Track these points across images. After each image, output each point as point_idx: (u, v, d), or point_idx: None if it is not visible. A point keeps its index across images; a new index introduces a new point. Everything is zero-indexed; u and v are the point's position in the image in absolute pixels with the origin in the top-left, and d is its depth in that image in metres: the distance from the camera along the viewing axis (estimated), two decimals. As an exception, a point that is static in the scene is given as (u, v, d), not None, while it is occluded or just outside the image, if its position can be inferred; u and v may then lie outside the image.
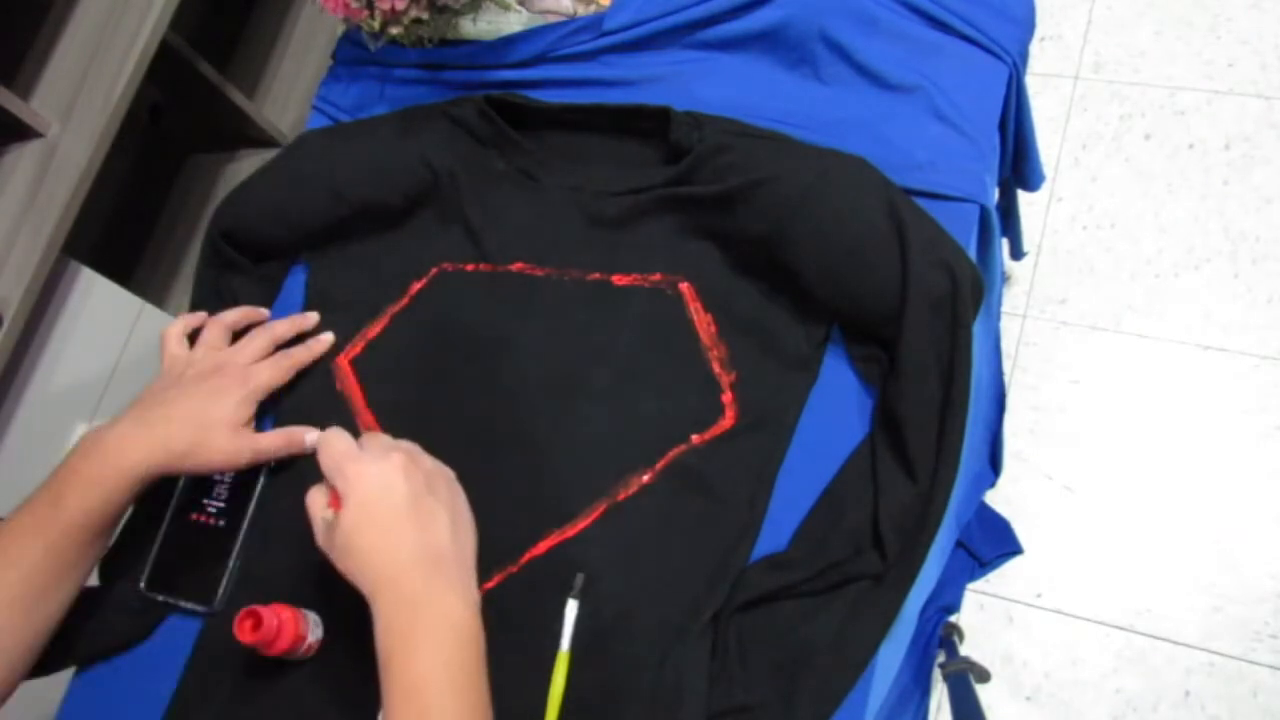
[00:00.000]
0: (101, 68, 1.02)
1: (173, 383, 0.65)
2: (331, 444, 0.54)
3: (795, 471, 0.61)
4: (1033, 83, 1.48)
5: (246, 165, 1.48)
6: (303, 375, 0.71)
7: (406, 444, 0.57)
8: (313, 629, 0.60)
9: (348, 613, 0.62)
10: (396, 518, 0.52)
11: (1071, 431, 1.29)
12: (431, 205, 0.73)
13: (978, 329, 0.60)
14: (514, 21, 0.79)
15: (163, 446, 0.60)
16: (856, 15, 0.71)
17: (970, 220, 0.65)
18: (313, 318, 0.72)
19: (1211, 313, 1.31)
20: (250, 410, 0.65)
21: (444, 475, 0.57)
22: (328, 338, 0.71)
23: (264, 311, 0.73)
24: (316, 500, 0.55)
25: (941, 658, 1.10)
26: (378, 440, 0.56)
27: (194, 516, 0.67)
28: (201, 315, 0.71)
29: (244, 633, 0.56)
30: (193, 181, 1.52)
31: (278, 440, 0.65)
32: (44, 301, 0.98)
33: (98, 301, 1.05)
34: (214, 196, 1.49)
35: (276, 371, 0.67)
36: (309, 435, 0.66)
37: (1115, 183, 1.41)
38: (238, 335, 0.70)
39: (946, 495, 0.55)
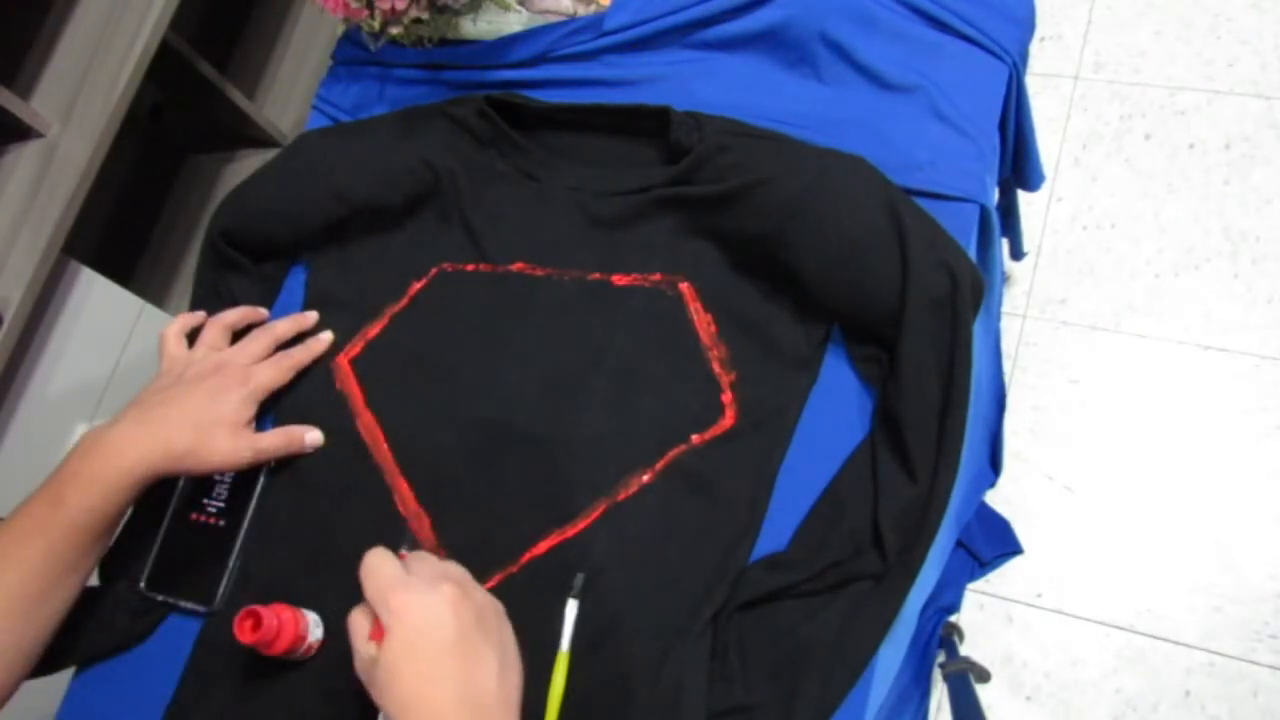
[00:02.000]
0: (101, 68, 1.02)
1: (173, 382, 0.64)
2: (376, 569, 0.50)
3: (795, 471, 0.61)
4: (1033, 83, 1.48)
5: (246, 165, 1.48)
6: (303, 375, 0.71)
7: (456, 571, 0.53)
8: (312, 629, 0.60)
9: (348, 613, 0.62)
10: (441, 658, 0.47)
11: (1071, 431, 1.29)
12: (431, 205, 0.73)
13: (978, 329, 0.60)
14: (514, 21, 0.79)
15: (163, 446, 0.60)
16: (856, 15, 0.71)
17: (970, 220, 0.65)
18: (312, 317, 0.72)
19: (1211, 313, 1.31)
20: (251, 410, 0.64)
21: (494, 609, 0.52)
22: (327, 336, 0.71)
23: (264, 311, 0.73)
24: (359, 627, 0.51)
25: (941, 658, 1.10)
26: (426, 565, 0.52)
27: (194, 516, 0.67)
28: (200, 315, 0.71)
29: (244, 633, 0.56)
30: (193, 181, 1.52)
31: (278, 440, 0.65)
32: (44, 301, 0.98)
33: (98, 301, 1.05)
34: (214, 196, 1.49)
35: (277, 371, 0.67)
36: (309, 434, 0.67)
37: (1115, 183, 1.41)
38: (238, 335, 0.71)
39: (946, 495, 0.55)
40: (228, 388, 0.64)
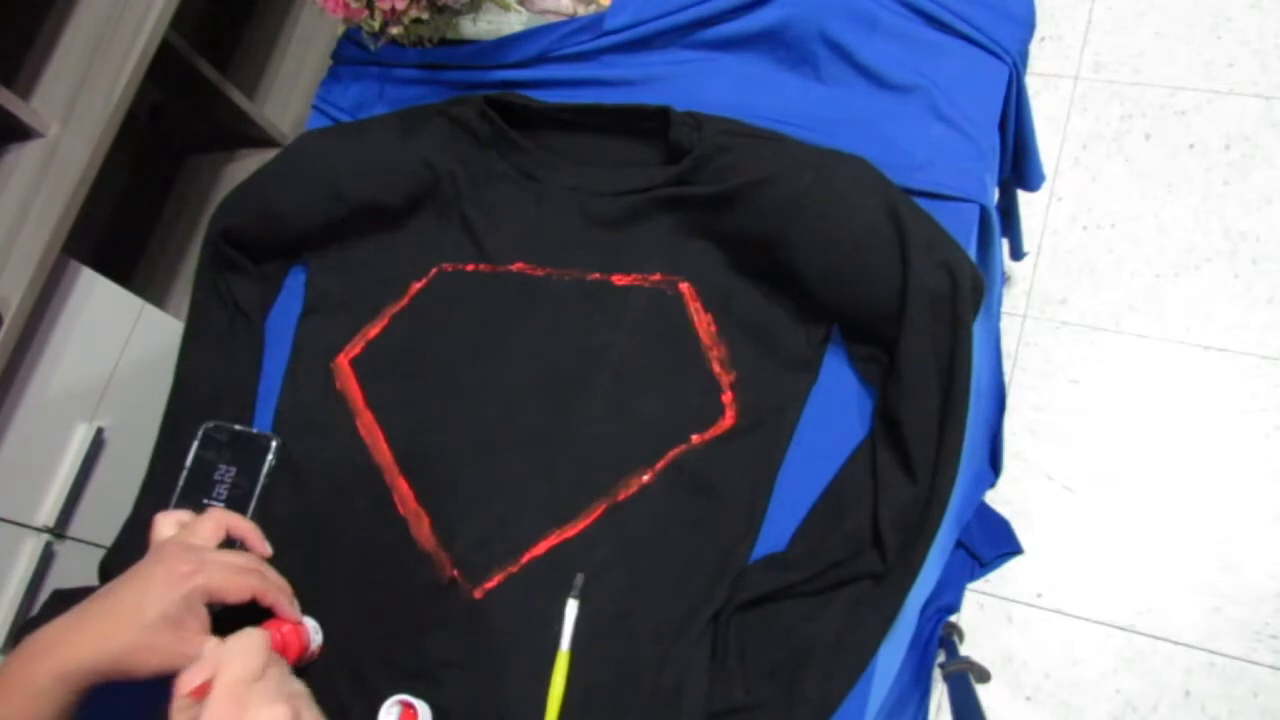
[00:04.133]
0: (101, 68, 1.02)
1: (133, 572, 0.56)
2: (244, 656, 0.47)
3: (795, 471, 0.61)
4: (1033, 83, 1.48)
5: (246, 165, 1.47)
6: (302, 377, 0.71)
7: (301, 688, 0.50)
8: (313, 637, 0.60)
9: (347, 613, 0.62)
10: None
11: (1071, 431, 1.29)
12: (431, 205, 0.73)
13: (978, 329, 0.60)
14: (514, 21, 0.79)
15: (93, 643, 0.52)
16: (856, 15, 0.71)
17: (970, 220, 0.65)
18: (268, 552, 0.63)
19: (1211, 313, 1.31)
20: (197, 607, 0.54)
21: None
22: (297, 616, 0.60)
23: (264, 546, 0.63)
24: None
25: (941, 658, 1.10)
26: (282, 677, 0.49)
27: (194, 516, 0.67)
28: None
29: None
30: (193, 181, 1.52)
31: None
32: (44, 301, 0.98)
33: (98, 301, 1.05)
34: (214, 196, 1.49)
35: (235, 574, 0.56)
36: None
37: (1115, 183, 1.41)
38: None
39: (946, 495, 0.55)
40: (173, 577, 0.54)
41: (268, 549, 0.63)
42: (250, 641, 0.48)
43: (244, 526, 0.62)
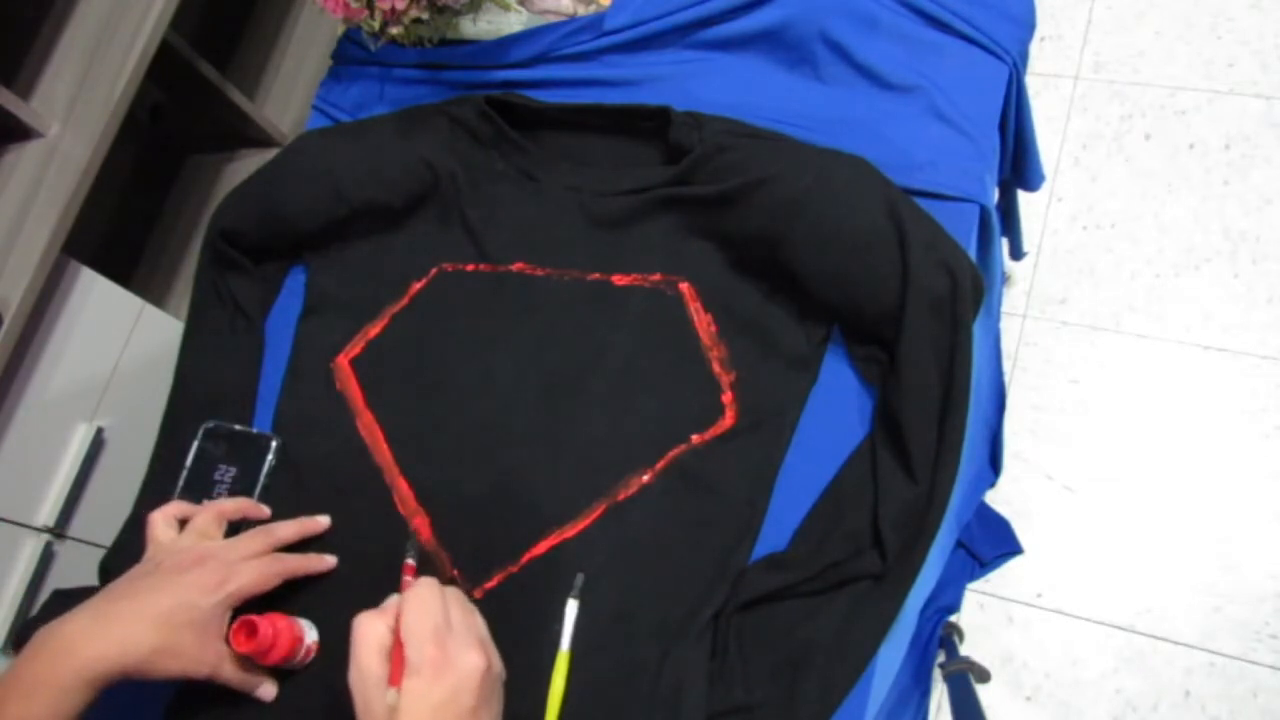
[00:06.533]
0: (101, 68, 1.02)
1: (150, 571, 0.57)
2: (431, 606, 0.50)
3: (795, 471, 0.61)
4: (1033, 83, 1.48)
5: (246, 165, 1.47)
6: (303, 377, 0.71)
7: (484, 629, 0.52)
8: (308, 633, 0.60)
9: (347, 614, 0.62)
10: None
11: (1071, 431, 1.29)
12: (431, 205, 0.73)
13: (978, 329, 0.60)
14: (514, 21, 0.79)
15: (119, 646, 0.52)
16: (856, 15, 0.71)
17: (970, 220, 0.65)
18: (324, 522, 0.65)
19: (1212, 313, 1.31)
20: (224, 615, 0.57)
21: (501, 680, 0.52)
22: (330, 560, 0.64)
23: (265, 509, 0.66)
24: (372, 637, 0.50)
25: (941, 658, 1.10)
26: (467, 616, 0.51)
27: (194, 516, 0.67)
28: (192, 507, 0.64)
29: (239, 642, 0.56)
30: (193, 181, 1.52)
31: (238, 677, 0.58)
32: (44, 301, 0.98)
33: (98, 301, 1.05)
34: (214, 196, 1.49)
35: (261, 576, 0.59)
36: (266, 686, 0.60)
37: (1115, 183, 1.41)
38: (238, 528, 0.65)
39: (946, 495, 0.55)
40: (204, 586, 0.56)
41: (265, 510, 0.66)
42: (429, 587, 0.51)
43: (237, 506, 0.64)
